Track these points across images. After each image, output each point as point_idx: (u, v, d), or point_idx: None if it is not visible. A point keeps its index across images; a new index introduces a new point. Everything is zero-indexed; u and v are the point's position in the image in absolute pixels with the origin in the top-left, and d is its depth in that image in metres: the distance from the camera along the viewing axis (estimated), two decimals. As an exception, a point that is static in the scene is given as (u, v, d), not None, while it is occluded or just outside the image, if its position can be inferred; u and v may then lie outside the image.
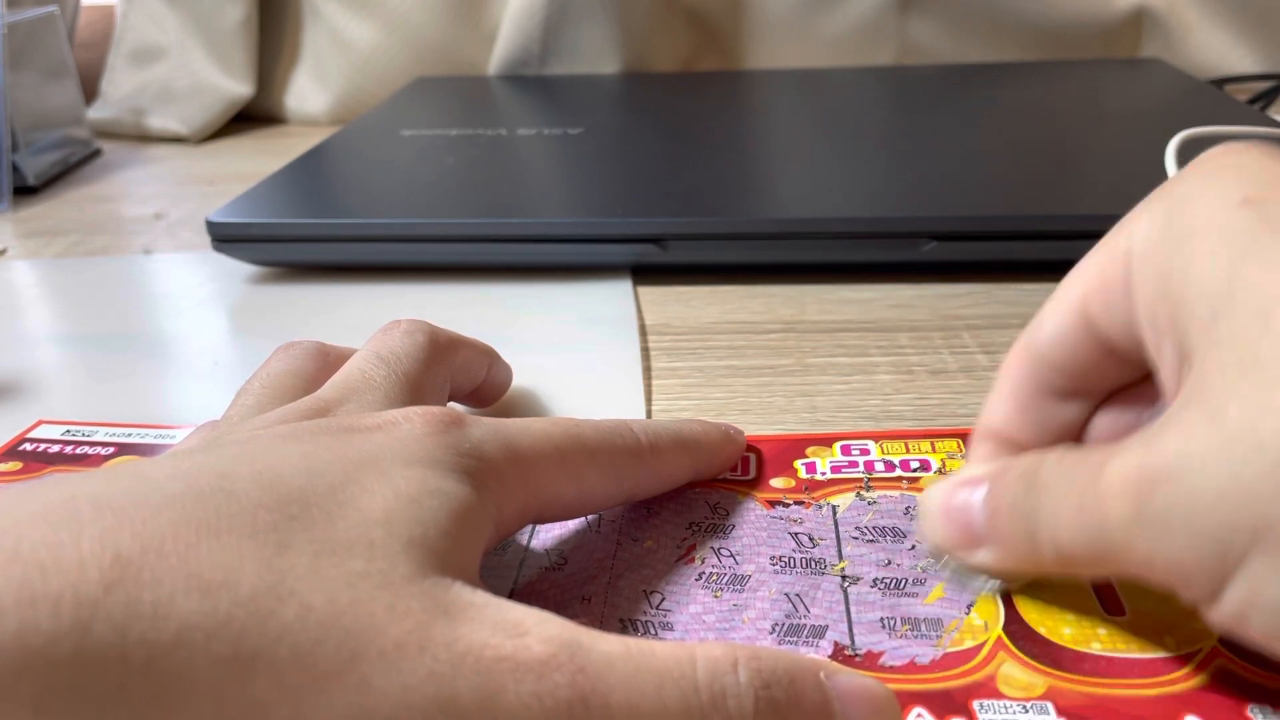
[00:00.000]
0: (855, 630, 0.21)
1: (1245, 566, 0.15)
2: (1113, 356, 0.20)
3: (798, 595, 0.22)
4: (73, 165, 0.61)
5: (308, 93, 0.72)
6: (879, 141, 0.50)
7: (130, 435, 0.29)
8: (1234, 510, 0.15)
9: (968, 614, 0.21)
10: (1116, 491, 0.17)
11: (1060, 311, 0.21)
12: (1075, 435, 0.22)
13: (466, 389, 0.29)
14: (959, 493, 0.21)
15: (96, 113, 0.69)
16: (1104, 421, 0.22)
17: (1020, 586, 0.21)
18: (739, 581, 0.22)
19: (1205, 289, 0.17)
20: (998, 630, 0.20)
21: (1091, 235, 0.21)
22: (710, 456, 0.25)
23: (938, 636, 0.20)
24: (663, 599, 0.22)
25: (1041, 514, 0.19)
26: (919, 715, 0.18)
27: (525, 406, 0.31)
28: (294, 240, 0.41)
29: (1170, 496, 0.16)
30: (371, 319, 0.29)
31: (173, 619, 0.14)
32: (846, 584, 0.22)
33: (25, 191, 0.56)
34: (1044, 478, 0.19)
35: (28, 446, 0.29)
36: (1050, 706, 0.18)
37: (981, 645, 0.20)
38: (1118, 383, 0.21)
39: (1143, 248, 0.19)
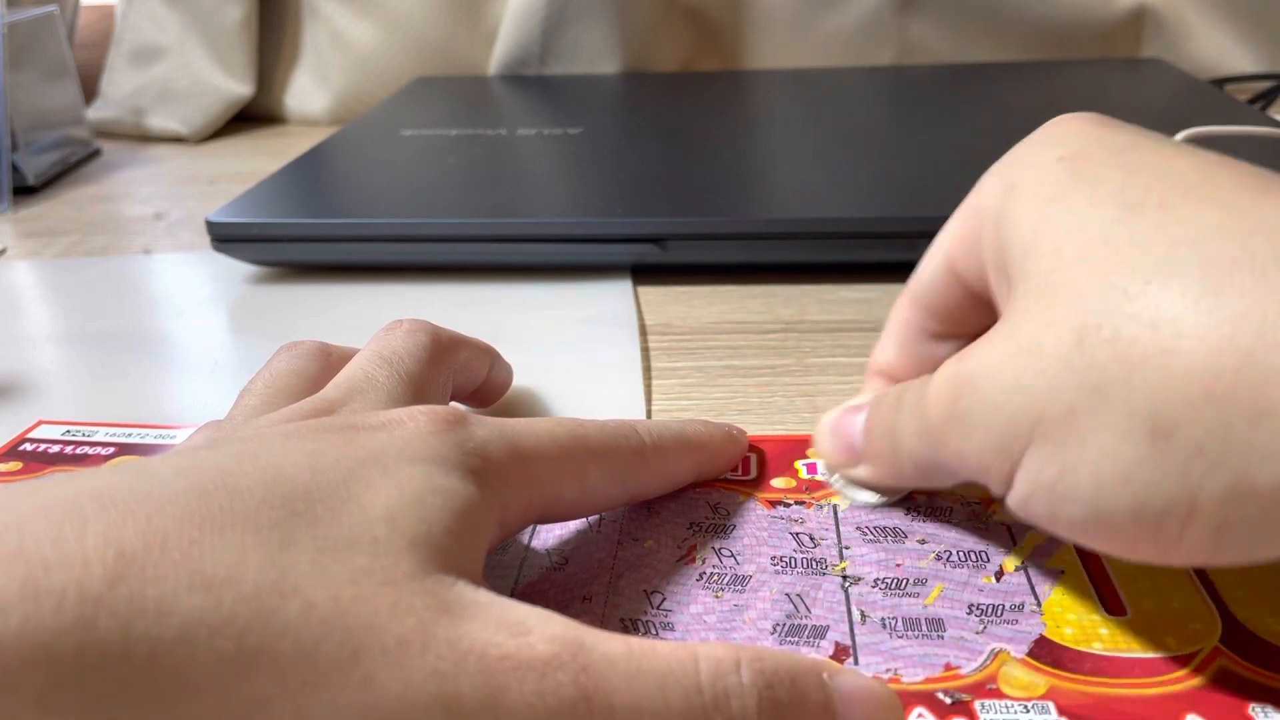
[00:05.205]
0: (856, 630, 0.21)
1: (1028, 456, 0.18)
2: (975, 299, 0.23)
3: (799, 595, 0.22)
4: (72, 165, 0.61)
5: (308, 93, 0.72)
6: (879, 141, 0.50)
7: (130, 435, 0.29)
8: (1017, 407, 0.18)
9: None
10: (935, 396, 0.20)
11: (932, 263, 0.24)
12: None
13: (468, 389, 0.29)
14: (845, 416, 0.24)
15: (96, 113, 0.69)
16: None
17: (894, 500, 0.24)
18: (740, 582, 0.22)
19: (1021, 231, 0.19)
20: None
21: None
22: (713, 457, 0.25)
23: (940, 636, 0.20)
24: (664, 599, 0.22)
25: (898, 429, 0.22)
26: (920, 715, 0.18)
27: (526, 406, 0.31)
28: (294, 240, 0.41)
29: (971, 398, 0.19)
30: (371, 319, 0.29)
31: (176, 615, 0.14)
32: (847, 584, 0.22)
33: (25, 191, 0.56)
34: (905, 399, 0.22)
35: (28, 446, 0.29)
36: (1051, 706, 0.18)
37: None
38: (984, 324, 0.22)
39: (987, 203, 0.21)
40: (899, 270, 0.39)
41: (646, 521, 0.24)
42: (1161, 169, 0.18)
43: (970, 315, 0.23)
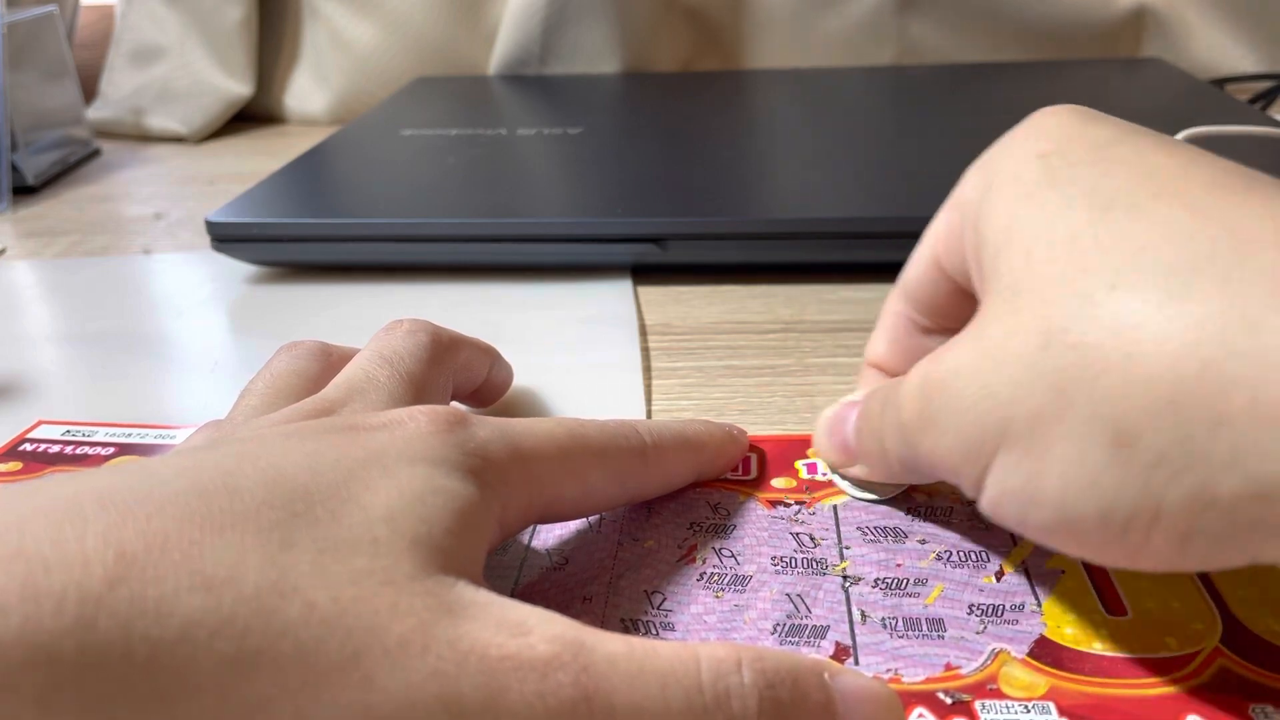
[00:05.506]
0: (856, 630, 0.21)
1: (996, 461, 0.18)
2: (961, 294, 0.23)
3: (799, 595, 0.22)
4: (72, 165, 0.61)
5: (307, 92, 0.72)
6: (879, 141, 0.50)
7: (130, 435, 0.29)
8: (984, 412, 0.18)
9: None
10: (908, 397, 0.20)
11: (920, 258, 0.24)
12: None
13: (468, 389, 0.29)
14: (840, 414, 0.24)
15: (96, 113, 0.69)
16: None
17: (893, 498, 0.25)
18: (740, 582, 0.22)
19: (996, 229, 0.19)
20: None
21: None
22: (714, 457, 0.25)
23: (940, 636, 0.20)
24: (664, 599, 0.22)
25: (883, 429, 0.22)
26: (921, 715, 0.18)
27: (526, 406, 0.31)
28: (294, 240, 0.41)
29: (940, 401, 0.19)
30: (371, 319, 0.29)
31: (176, 616, 0.14)
32: (848, 584, 0.22)
33: (25, 191, 0.56)
34: (888, 398, 0.22)
35: (28, 446, 0.29)
36: (1052, 706, 0.18)
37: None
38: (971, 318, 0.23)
39: (968, 197, 0.21)
40: (899, 270, 0.39)
41: (647, 521, 0.24)
42: (1138, 166, 0.18)
43: (958, 309, 0.23)
